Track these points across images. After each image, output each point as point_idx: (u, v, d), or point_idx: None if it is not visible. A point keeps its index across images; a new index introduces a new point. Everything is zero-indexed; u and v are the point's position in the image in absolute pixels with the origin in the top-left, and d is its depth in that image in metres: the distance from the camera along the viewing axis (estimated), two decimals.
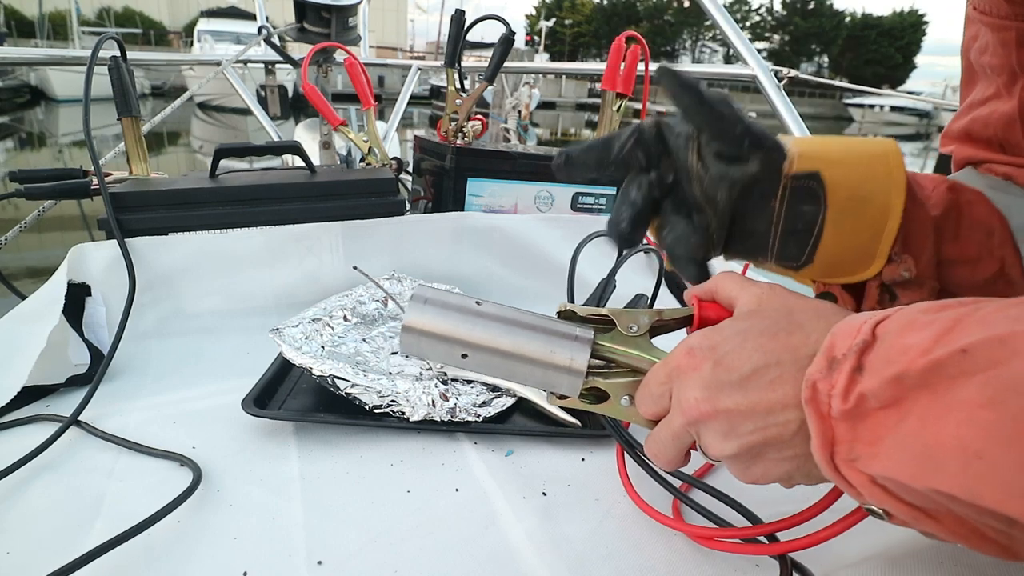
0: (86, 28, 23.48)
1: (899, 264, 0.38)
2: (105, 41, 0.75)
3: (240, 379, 0.56)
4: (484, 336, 0.35)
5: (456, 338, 0.35)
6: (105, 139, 4.95)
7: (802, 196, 0.36)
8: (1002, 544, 0.23)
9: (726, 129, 0.35)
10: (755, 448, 0.29)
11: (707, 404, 0.29)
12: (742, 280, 0.34)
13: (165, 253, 0.70)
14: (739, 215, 0.38)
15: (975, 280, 0.40)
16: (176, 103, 1.51)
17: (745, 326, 0.30)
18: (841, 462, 0.25)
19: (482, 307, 0.35)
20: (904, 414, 0.23)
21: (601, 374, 0.36)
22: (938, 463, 0.21)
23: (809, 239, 0.37)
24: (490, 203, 0.94)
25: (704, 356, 0.30)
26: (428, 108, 13.07)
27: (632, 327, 0.36)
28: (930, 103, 2.81)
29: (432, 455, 0.50)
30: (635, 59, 0.94)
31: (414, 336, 0.35)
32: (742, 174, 0.36)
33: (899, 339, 0.24)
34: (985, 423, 0.20)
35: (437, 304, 0.35)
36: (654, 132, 0.38)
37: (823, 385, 0.25)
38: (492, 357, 0.35)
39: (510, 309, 0.36)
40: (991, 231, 0.40)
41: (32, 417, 0.52)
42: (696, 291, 0.37)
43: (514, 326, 0.35)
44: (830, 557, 0.39)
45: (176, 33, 35.89)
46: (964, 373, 0.21)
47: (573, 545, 0.41)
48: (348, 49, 1.19)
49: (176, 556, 0.39)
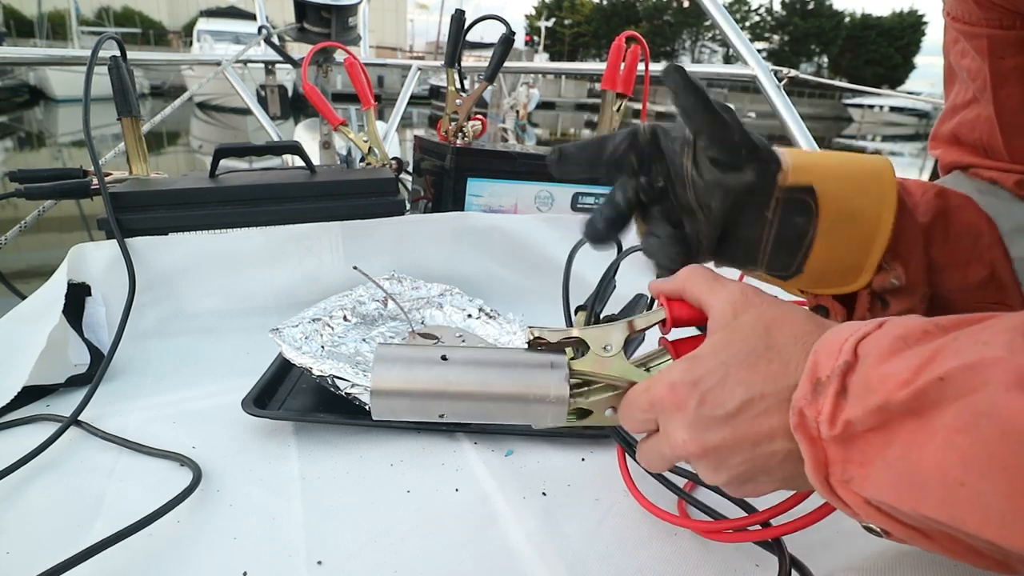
0: (85, 28, 23.44)
1: (889, 272, 0.38)
2: (105, 41, 0.75)
3: (240, 379, 0.56)
4: (457, 385, 0.33)
5: (429, 392, 0.33)
6: (105, 139, 4.95)
7: (795, 208, 0.37)
8: (997, 560, 0.23)
9: (726, 135, 0.36)
10: (745, 475, 0.29)
11: (695, 444, 0.29)
12: (710, 279, 0.33)
13: (165, 253, 0.70)
14: (732, 222, 0.38)
15: (966, 284, 0.40)
16: (176, 103, 1.51)
17: (725, 356, 0.29)
18: (836, 483, 0.25)
19: (450, 356, 0.34)
20: (891, 438, 0.23)
21: (581, 394, 0.35)
22: (924, 488, 0.22)
23: (800, 250, 0.38)
24: (490, 203, 0.94)
25: (688, 393, 0.29)
26: (428, 108, 13.07)
27: (607, 347, 0.34)
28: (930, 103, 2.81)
29: (432, 455, 0.50)
30: (635, 59, 0.94)
31: (385, 399, 0.33)
32: (737, 182, 0.36)
33: (879, 366, 0.24)
34: (962, 448, 0.21)
35: (402, 361, 0.34)
36: (649, 136, 0.38)
37: (810, 411, 0.25)
38: (471, 405, 0.34)
39: (478, 351, 0.35)
40: (979, 235, 0.40)
41: (32, 417, 0.52)
42: (663, 288, 0.35)
43: (486, 368, 0.34)
44: (830, 557, 0.39)
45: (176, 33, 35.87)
46: (943, 400, 0.22)
47: (573, 545, 0.41)
48: (348, 49, 1.19)
49: (176, 556, 0.39)
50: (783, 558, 0.37)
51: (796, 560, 0.38)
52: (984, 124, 0.45)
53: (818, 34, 45.17)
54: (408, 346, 0.34)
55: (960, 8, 0.42)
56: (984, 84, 0.42)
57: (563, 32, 47.24)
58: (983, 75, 0.42)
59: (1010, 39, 0.40)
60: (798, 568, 0.38)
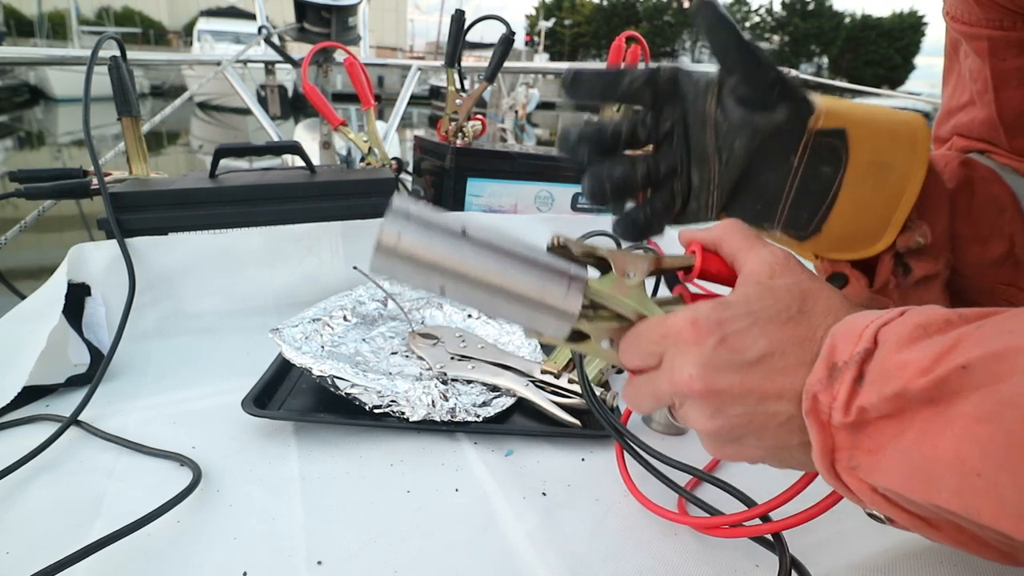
0: (85, 27, 23.47)
1: (914, 231, 0.36)
2: (105, 41, 0.75)
3: (240, 379, 0.56)
4: (470, 266, 0.30)
5: (438, 265, 0.30)
6: (105, 139, 4.95)
7: (823, 154, 0.35)
8: (1003, 551, 0.23)
9: (761, 74, 0.34)
10: (736, 430, 0.28)
11: (700, 382, 0.28)
12: (751, 236, 0.32)
13: (165, 253, 0.70)
14: (753, 170, 0.36)
15: (984, 260, 0.39)
16: (176, 103, 1.51)
17: (756, 307, 0.28)
18: (842, 469, 0.25)
19: (470, 232, 0.31)
20: (905, 426, 0.23)
21: (586, 316, 0.32)
22: (937, 477, 0.22)
23: (823, 204, 0.36)
24: (490, 203, 0.94)
25: (709, 331, 0.28)
26: (428, 108, 13.07)
27: (630, 274, 0.32)
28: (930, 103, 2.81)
29: (432, 455, 0.50)
30: (635, 59, 0.94)
31: (389, 257, 0.29)
32: (767, 122, 0.34)
33: (898, 353, 0.24)
34: (981, 438, 0.20)
35: (419, 222, 0.30)
36: (668, 74, 0.36)
37: (824, 397, 0.25)
38: (476, 290, 0.30)
39: (501, 237, 0.32)
40: (1003, 209, 0.39)
41: (32, 417, 0.52)
42: (699, 237, 0.34)
43: (505, 258, 0.31)
44: (830, 557, 0.39)
45: (176, 33, 35.88)
46: (964, 388, 0.21)
47: (573, 545, 0.41)
48: (348, 49, 1.19)
49: (176, 556, 0.39)
50: (783, 557, 0.37)
51: (795, 560, 0.38)
52: (983, 126, 0.44)
53: (818, 35, 45.17)
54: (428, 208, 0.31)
55: (960, 8, 0.41)
56: (985, 85, 0.42)
57: (563, 32, 47.24)
58: (984, 76, 0.42)
59: (1011, 40, 0.39)
60: (797, 568, 0.37)
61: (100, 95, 0.82)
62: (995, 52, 0.40)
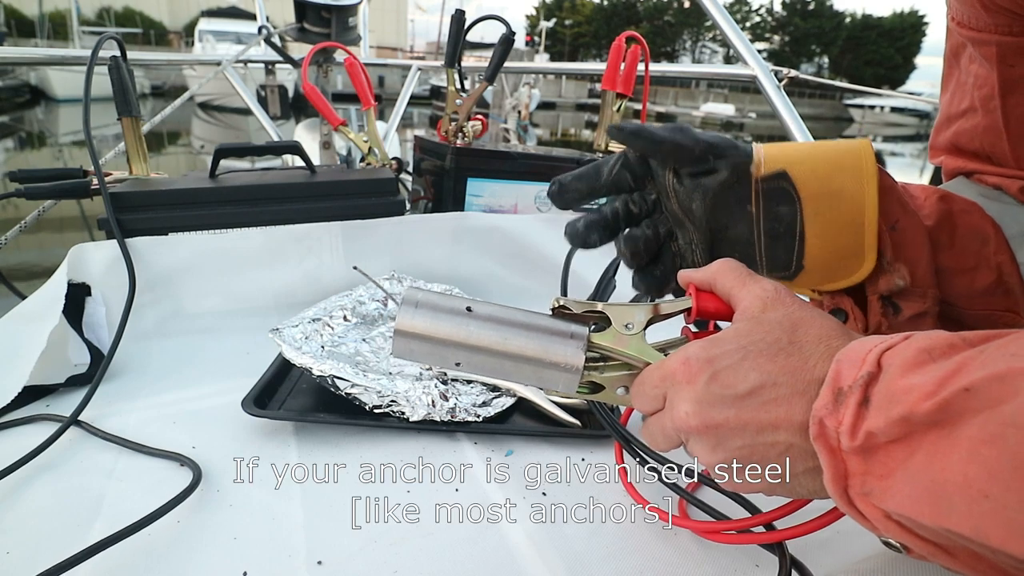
0: (86, 28, 23.48)
1: (893, 273, 0.38)
2: (105, 41, 0.75)
3: (240, 379, 0.56)
4: (477, 338, 0.34)
5: (449, 341, 0.34)
6: (105, 139, 4.96)
7: (776, 196, 0.38)
8: None
9: (686, 154, 0.38)
10: (740, 462, 0.29)
11: (696, 418, 0.29)
12: (743, 274, 0.33)
13: (165, 253, 0.70)
14: (720, 226, 0.39)
15: (973, 290, 0.39)
16: (176, 103, 1.50)
17: (746, 342, 0.29)
18: (855, 495, 0.25)
19: (475, 309, 0.35)
20: (913, 450, 0.23)
21: (596, 368, 0.35)
22: (946, 501, 0.21)
23: (793, 241, 0.38)
24: (490, 203, 0.94)
25: (700, 368, 0.29)
26: (428, 108, 13.07)
27: (629, 325, 0.35)
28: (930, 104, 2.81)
29: (432, 455, 0.50)
30: (635, 59, 0.94)
31: (406, 340, 0.35)
32: (713, 181, 0.38)
33: (902, 378, 0.24)
34: (987, 459, 0.20)
35: (428, 307, 0.35)
36: (637, 156, 0.41)
37: (830, 421, 0.25)
38: (487, 359, 0.35)
39: (503, 309, 0.36)
40: (986, 239, 0.40)
41: (32, 417, 0.52)
42: (693, 277, 0.36)
43: (508, 326, 0.35)
44: (830, 557, 0.39)
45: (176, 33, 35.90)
46: (969, 411, 0.21)
47: (573, 545, 0.41)
48: (348, 49, 1.19)
49: (176, 556, 0.39)
50: (783, 559, 0.37)
51: (795, 560, 0.38)
52: (985, 133, 0.44)
53: (818, 35, 45.16)
54: (436, 293, 0.36)
55: (967, 14, 0.41)
56: (992, 91, 0.42)
57: (563, 32, 47.24)
58: (991, 82, 0.42)
59: (1020, 46, 0.39)
60: (797, 568, 0.37)
61: (101, 95, 0.82)
62: (1004, 58, 0.40)
